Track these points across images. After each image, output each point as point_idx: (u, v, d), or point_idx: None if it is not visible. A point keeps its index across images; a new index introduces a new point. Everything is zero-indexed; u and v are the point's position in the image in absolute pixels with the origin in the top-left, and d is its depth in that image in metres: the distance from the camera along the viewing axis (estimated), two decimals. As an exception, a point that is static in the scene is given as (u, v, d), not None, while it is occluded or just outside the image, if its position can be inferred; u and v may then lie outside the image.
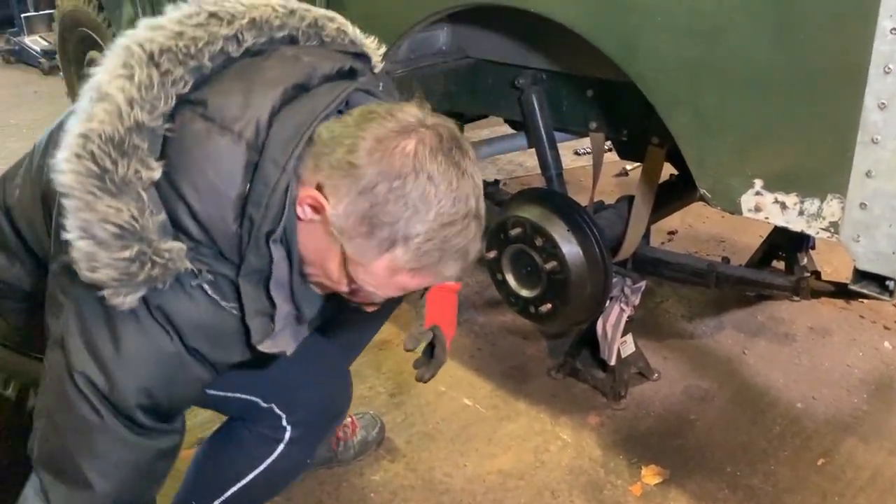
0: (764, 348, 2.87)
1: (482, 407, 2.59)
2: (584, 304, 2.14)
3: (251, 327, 1.15)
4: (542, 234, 2.08)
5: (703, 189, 1.55)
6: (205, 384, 1.21)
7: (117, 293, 1.06)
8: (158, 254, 1.05)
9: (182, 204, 1.07)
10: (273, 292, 1.13)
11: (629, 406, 2.57)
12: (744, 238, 3.70)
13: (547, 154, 2.38)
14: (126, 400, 1.11)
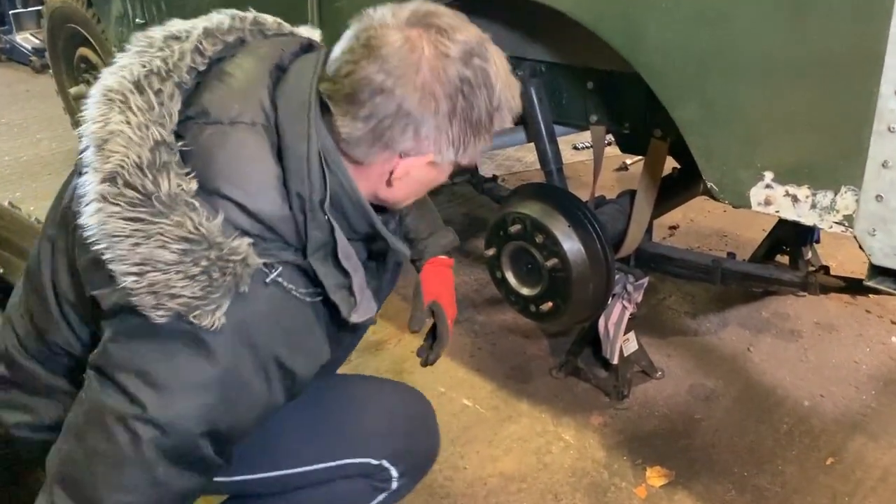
0: (769, 345, 2.81)
1: (482, 408, 2.53)
2: (586, 302, 2.08)
3: (337, 302, 1.12)
4: (543, 231, 2.02)
5: (710, 182, 1.49)
6: (269, 409, 1.14)
7: (205, 312, 1.02)
8: (233, 253, 1.02)
9: (229, 203, 1.05)
10: (344, 262, 1.12)
11: (632, 406, 2.52)
12: (747, 233, 3.64)
13: (546, 148, 2.31)
14: (187, 429, 1.06)
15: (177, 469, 1.06)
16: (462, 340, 2.84)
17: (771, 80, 1.33)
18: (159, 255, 1.00)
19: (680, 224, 3.75)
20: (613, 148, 4.66)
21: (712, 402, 2.53)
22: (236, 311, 1.04)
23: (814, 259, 3.19)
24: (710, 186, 1.49)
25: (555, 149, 2.33)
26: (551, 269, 2.03)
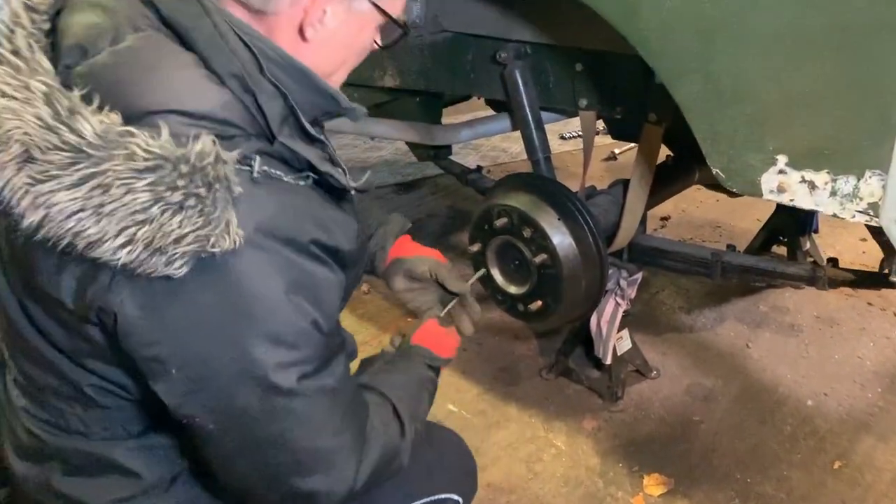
0: (769, 341, 2.68)
1: (468, 413, 2.38)
2: (577, 300, 1.93)
3: (330, 173, 1.05)
4: (531, 225, 1.87)
5: (715, 169, 1.34)
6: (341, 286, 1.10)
7: (219, 236, 0.90)
8: (202, 156, 0.89)
9: (167, 116, 0.92)
10: (313, 131, 1.04)
11: (627, 408, 2.38)
12: (741, 223, 3.51)
13: (533, 136, 2.16)
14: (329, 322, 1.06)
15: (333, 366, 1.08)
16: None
17: (786, 52, 1.18)
18: (131, 204, 0.87)
19: (671, 215, 3.61)
20: (602, 137, 4.54)
21: (711, 402, 2.40)
22: (247, 217, 0.93)
23: (812, 250, 3.06)
24: (715, 173, 1.34)
25: (542, 136, 2.17)
26: (540, 266, 1.87)
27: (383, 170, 4.29)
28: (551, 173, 2.15)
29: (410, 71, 2.29)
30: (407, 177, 4.15)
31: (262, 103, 0.97)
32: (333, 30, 1.05)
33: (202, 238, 0.89)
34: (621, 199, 2.17)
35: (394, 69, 2.29)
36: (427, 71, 2.28)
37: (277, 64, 1.00)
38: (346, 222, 1.11)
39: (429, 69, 2.28)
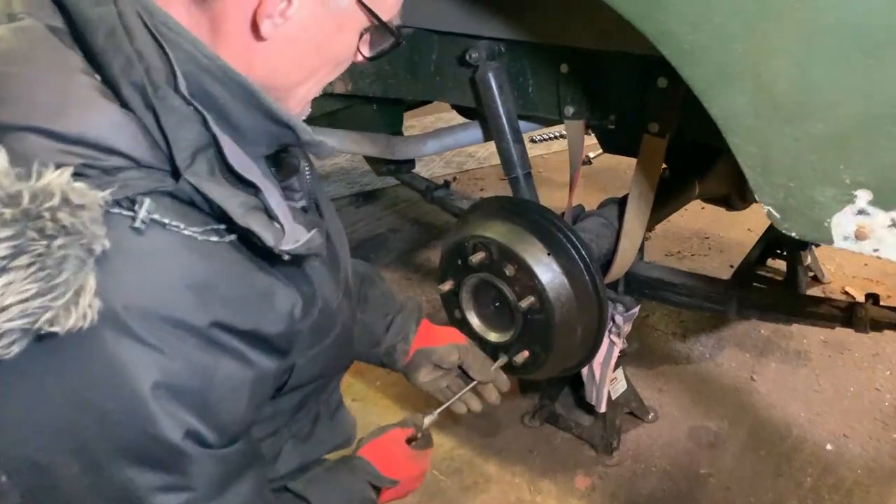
0: (775, 371, 2.39)
1: (441, 473, 2.05)
2: (572, 349, 1.61)
3: (254, 229, 0.82)
4: (514, 261, 1.54)
5: (767, 206, 1.02)
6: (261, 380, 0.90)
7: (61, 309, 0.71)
8: (44, 196, 0.69)
9: (17, 134, 0.73)
10: (241, 170, 0.83)
11: (624, 460, 2.06)
12: (731, 233, 3.23)
13: (511, 149, 1.82)
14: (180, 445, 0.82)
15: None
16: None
17: (874, 50, 0.86)
18: None
19: (654, 226, 3.30)
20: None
21: (718, 449, 2.09)
22: (114, 285, 0.75)
23: (813, 264, 2.80)
24: (766, 212, 1.02)
25: (521, 149, 1.84)
26: (527, 311, 1.54)
27: (339, 180, 3.92)
28: (533, 193, 1.81)
29: (364, 74, 1.94)
30: (365, 186, 3.79)
31: (167, 127, 0.78)
32: (301, 26, 0.85)
33: (36, 311, 0.70)
34: (616, 223, 1.85)
35: (344, 73, 1.93)
36: (384, 74, 1.94)
37: (212, 75, 0.80)
38: (279, 294, 0.90)
39: (386, 72, 1.93)
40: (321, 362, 1.06)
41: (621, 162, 3.69)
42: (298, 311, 0.94)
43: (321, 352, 1.05)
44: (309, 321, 0.98)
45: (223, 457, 0.87)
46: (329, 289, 1.07)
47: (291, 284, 0.94)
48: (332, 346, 1.07)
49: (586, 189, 3.50)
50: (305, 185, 1.10)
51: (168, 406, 0.80)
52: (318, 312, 1.00)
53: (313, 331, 1.00)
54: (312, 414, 1.20)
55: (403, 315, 1.47)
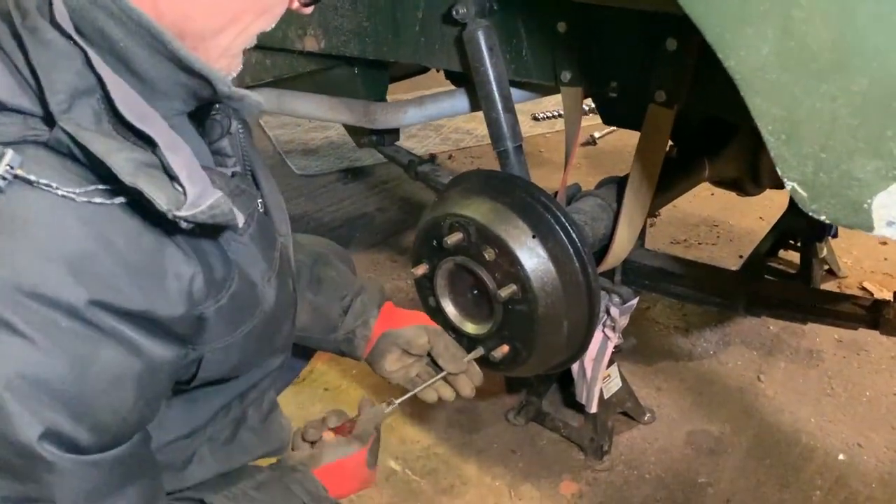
0: (784, 372, 2.20)
1: (415, 473, 1.87)
2: (558, 345, 1.42)
3: (143, 189, 0.69)
4: (495, 244, 1.35)
5: (791, 182, 0.82)
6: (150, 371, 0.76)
7: None
8: None
9: None
10: (133, 119, 0.70)
11: (615, 465, 1.88)
12: (742, 221, 3.03)
13: (501, 119, 1.62)
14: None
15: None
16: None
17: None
18: None
19: (660, 212, 3.11)
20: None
21: (719, 456, 1.91)
22: None
23: (829, 257, 2.60)
24: (790, 189, 0.83)
25: (511, 119, 1.64)
26: (508, 301, 1.36)
27: (328, 154, 3.73)
28: (523, 169, 1.62)
29: (340, 31, 1.75)
30: (355, 162, 3.59)
31: (38, 63, 0.68)
32: None
33: None
34: (614, 204, 1.66)
35: (317, 28, 1.74)
36: (363, 32, 1.74)
37: (107, 11, 0.70)
38: (179, 270, 0.77)
39: (365, 30, 1.74)
40: (239, 353, 0.89)
41: (628, 143, 3.48)
42: (201, 291, 0.79)
43: (238, 341, 0.88)
44: (218, 304, 0.82)
45: (96, 463, 0.72)
46: (257, 268, 0.90)
47: (194, 259, 0.78)
48: (253, 334, 0.90)
49: (589, 171, 3.30)
50: (239, 150, 0.97)
51: (27, 401, 0.67)
52: (232, 296, 0.83)
53: (227, 315, 0.84)
54: (234, 416, 1.02)
55: (363, 298, 1.31)
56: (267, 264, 0.94)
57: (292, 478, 1.03)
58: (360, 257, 2.78)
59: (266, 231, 0.96)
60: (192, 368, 0.86)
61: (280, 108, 1.99)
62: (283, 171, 3.59)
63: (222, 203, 0.73)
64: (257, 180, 1.05)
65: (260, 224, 0.94)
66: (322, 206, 3.25)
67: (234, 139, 0.97)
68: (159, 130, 0.73)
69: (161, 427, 0.94)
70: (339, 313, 1.29)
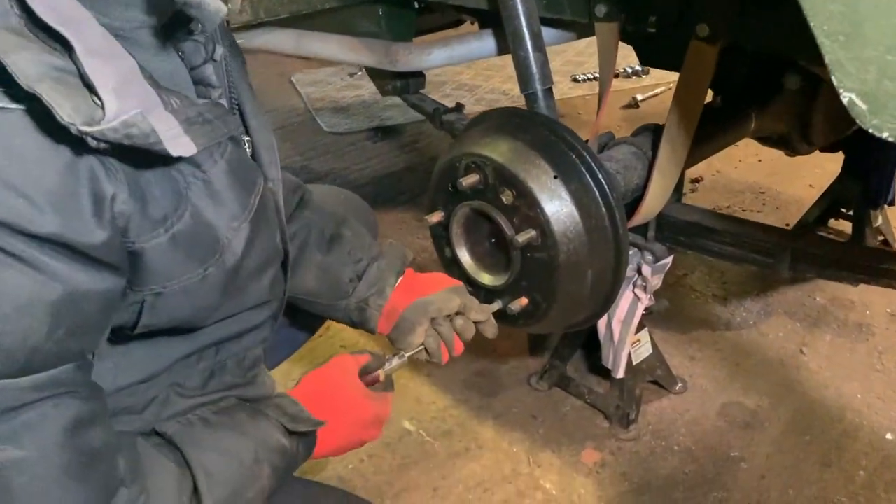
0: (829, 345, 2.05)
1: (429, 435, 1.79)
2: (581, 298, 1.31)
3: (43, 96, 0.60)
4: (513, 185, 1.24)
5: (848, 93, 0.70)
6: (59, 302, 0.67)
7: None
8: None
9: None
10: (42, 12, 0.62)
11: (642, 435, 1.77)
12: (790, 188, 2.86)
13: (530, 58, 1.50)
14: None
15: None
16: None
17: None
18: None
19: (703, 177, 2.95)
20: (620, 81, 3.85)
21: (755, 430, 1.78)
22: None
23: (885, 227, 2.42)
24: (847, 101, 0.70)
25: (541, 59, 1.52)
26: (526, 247, 1.25)
27: (360, 112, 3.63)
28: (552, 113, 1.50)
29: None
30: (386, 121, 3.49)
31: None
32: None
33: None
34: (649, 153, 1.53)
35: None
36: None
37: None
38: (97, 188, 0.68)
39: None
40: (196, 301, 0.81)
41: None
42: (127, 219, 0.71)
43: (193, 288, 0.79)
44: (157, 240, 0.74)
45: (3, 388, 0.65)
46: (221, 210, 0.81)
47: (123, 184, 0.70)
48: (213, 283, 0.82)
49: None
50: (226, 80, 0.90)
51: None
52: (178, 235, 0.75)
53: (172, 256, 0.76)
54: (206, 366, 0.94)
55: (380, 264, 1.20)
56: (238, 208, 0.85)
57: (267, 402, 0.94)
58: (385, 216, 2.68)
59: (243, 171, 0.87)
60: (134, 310, 0.78)
61: (298, 49, 1.89)
62: (313, 127, 3.51)
63: (140, 121, 0.64)
64: (245, 117, 0.96)
65: (235, 163, 0.85)
66: (349, 164, 3.16)
67: (219, 68, 0.89)
68: (85, 35, 0.65)
69: (118, 369, 0.86)
70: (352, 277, 1.19)
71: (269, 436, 0.89)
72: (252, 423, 0.90)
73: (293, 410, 0.93)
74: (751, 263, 1.46)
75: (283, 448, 0.90)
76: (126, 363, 0.87)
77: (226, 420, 0.89)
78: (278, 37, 1.91)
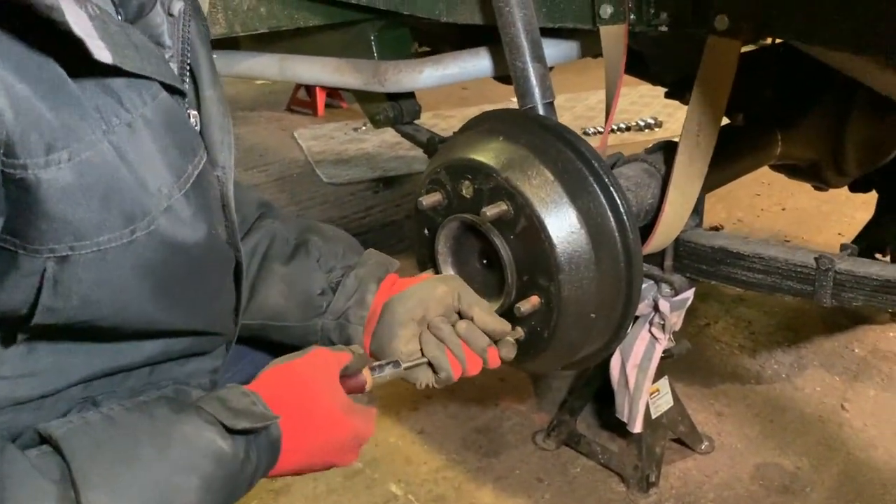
0: (874, 401, 1.83)
1: (419, 499, 1.57)
2: (585, 331, 1.11)
3: None
4: (510, 197, 1.06)
5: None
6: None
7: None
8: None
9: None
10: None
11: (664, 500, 1.55)
12: (817, 237, 2.67)
13: (528, 69, 1.34)
14: None
15: None
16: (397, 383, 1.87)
17: None
18: None
19: (723, 225, 2.77)
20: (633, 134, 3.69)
21: (795, 496, 1.55)
22: None
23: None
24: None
25: (541, 70, 1.36)
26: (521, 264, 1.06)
27: (362, 164, 3.51)
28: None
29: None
30: (388, 172, 3.35)
31: None
32: None
33: None
34: (663, 170, 1.36)
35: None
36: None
37: None
38: None
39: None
40: (116, 290, 0.65)
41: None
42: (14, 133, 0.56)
43: (117, 261, 0.63)
44: (63, 167, 0.58)
45: None
46: (150, 168, 0.66)
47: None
48: (142, 266, 0.66)
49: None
50: (179, 41, 0.77)
51: None
52: (85, 166, 0.60)
53: (86, 197, 0.60)
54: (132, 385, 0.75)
55: (358, 272, 1.00)
56: (169, 173, 0.69)
57: (207, 396, 0.73)
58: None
59: (179, 131, 0.72)
60: (30, 286, 0.61)
61: (282, 73, 1.75)
62: (312, 178, 3.39)
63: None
64: (199, 86, 0.81)
65: (169, 115, 0.70)
66: (348, 213, 3.02)
67: (174, 26, 0.76)
68: None
69: (16, 377, 0.68)
70: (324, 289, 0.98)
71: (197, 437, 0.68)
72: (175, 421, 0.68)
73: (240, 404, 0.71)
74: (786, 293, 1.26)
75: (218, 453, 0.68)
76: (26, 370, 0.68)
77: (138, 418, 0.67)
78: (261, 62, 1.78)
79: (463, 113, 3.87)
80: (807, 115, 1.62)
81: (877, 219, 2.12)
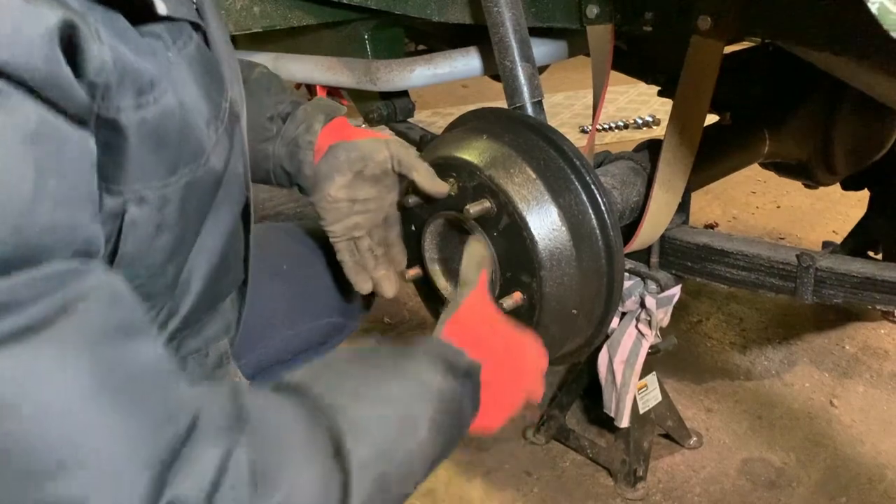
0: (862, 397, 1.84)
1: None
2: (569, 325, 1.13)
3: None
4: (493, 194, 1.08)
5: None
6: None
7: None
8: None
9: None
10: None
11: (651, 494, 1.56)
12: (811, 234, 2.68)
13: (517, 69, 1.36)
14: None
15: None
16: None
17: None
18: None
19: (718, 222, 2.78)
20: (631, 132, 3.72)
21: (781, 490, 1.57)
22: None
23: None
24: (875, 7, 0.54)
25: (530, 70, 1.38)
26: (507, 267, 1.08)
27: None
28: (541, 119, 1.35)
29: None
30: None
31: None
32: None
33: None
34: (649, 168, 1.37)
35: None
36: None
37: None
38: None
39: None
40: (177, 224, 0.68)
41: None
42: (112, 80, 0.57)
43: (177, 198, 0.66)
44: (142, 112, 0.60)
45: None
46: (198, 106, 0.69)
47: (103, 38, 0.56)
48: (195, 193, 0.69)
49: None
50: None
51: None
52: (162, 113, 0.62)
53: (153, 140, 0.62)
54: None
55: (306, 107, 1.05)
56: (212, 108, 0.71)
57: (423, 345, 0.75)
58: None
59: (211, 68, 0.73)
60: (112, 228, 0.62)
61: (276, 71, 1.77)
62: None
63: None
64: (202, 14, 0.82)
65: (202, 54, 0.72)
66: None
67: None
68: None
69: None
70: (273, 115, 1.02)
71: (426, 378, 0.68)
72: (407, 364, 0.69)
73: (445, 350, 0.73)
74: (768, 290, 1.28)
75: (444, 390, 0.68)
76: None
77: (376, 360, 0.69)
78: (255, 61, 1.80)
79: (462, 111, 3.88)
80: (795, 113, 1.63)
81: (868, 217, 2.13)
